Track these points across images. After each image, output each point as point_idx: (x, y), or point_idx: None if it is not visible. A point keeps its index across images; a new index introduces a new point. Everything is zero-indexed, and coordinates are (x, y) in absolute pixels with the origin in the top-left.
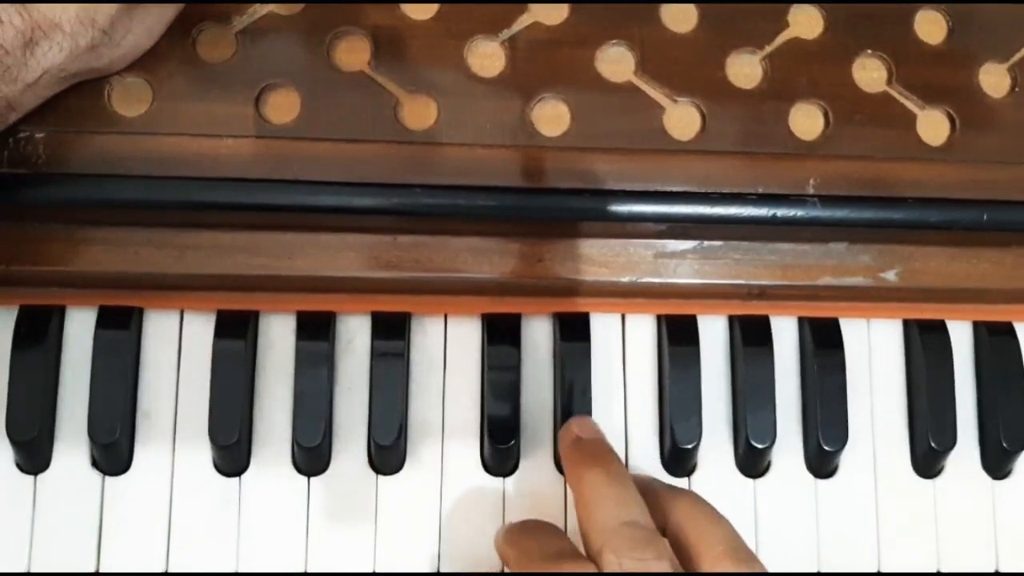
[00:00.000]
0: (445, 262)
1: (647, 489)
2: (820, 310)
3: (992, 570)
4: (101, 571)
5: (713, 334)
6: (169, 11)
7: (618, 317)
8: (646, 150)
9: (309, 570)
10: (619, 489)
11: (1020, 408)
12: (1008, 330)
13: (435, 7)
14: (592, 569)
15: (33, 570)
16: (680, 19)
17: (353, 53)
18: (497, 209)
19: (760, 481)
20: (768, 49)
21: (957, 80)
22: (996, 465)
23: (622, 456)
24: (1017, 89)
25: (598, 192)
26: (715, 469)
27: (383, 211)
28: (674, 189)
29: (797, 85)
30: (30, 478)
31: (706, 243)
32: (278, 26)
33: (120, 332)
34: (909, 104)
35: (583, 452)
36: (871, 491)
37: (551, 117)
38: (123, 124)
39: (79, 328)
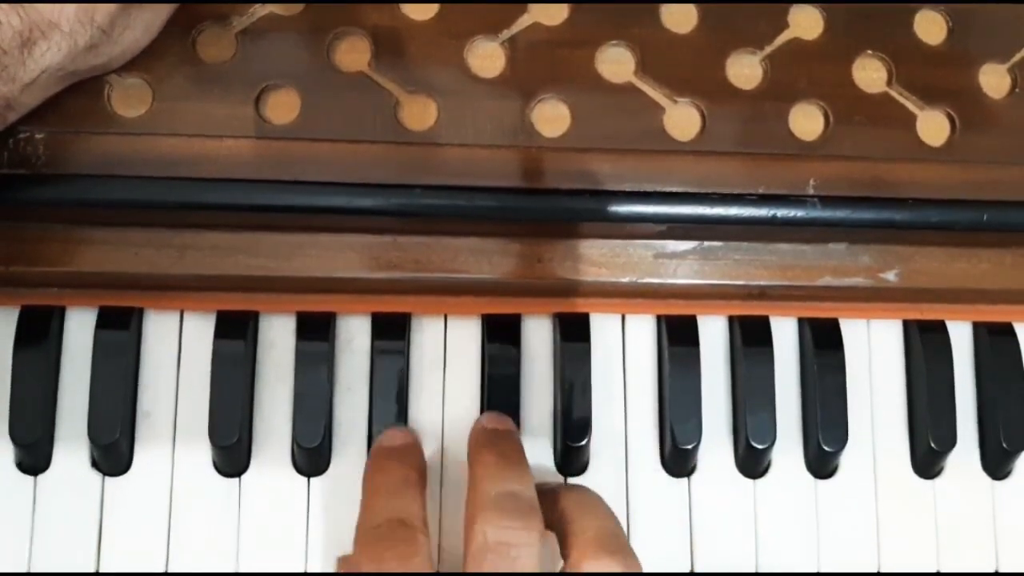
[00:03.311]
0: (445, 262)
1: (544, 489)
2: (820, 310)
3: (992, 571)
4: (101, 571)
5: (713, 335)
6: (167, 7)
7: (618, 318)
8: (646, 151)
9: (309, 570)
10: (505, 466)
11: (1020, 409)
12: (1008, 330)
13: (435, 7)
14: (417, 548)
15: (33, 570)
16: (680, 19)
17: (353, 53)
18: (497, 210)
19: (760, 482)
20: (768, 49)
21: (957, 81)
22: (996, 466)
23: (621, 457)
24: (1017, 90)
25: (598, 193)
26: (715, 470)
27: (383, 212)
28: (674, 190)
29: (797, 86)
30: (30, 478)
31: (706, 244)
32: (278, 26)
33: (120, 333)
34: (909, 104)
35: (484, 438)
36: (871, 492)
37: (551, 117)
38: (123, 125)
39: (79, 329)
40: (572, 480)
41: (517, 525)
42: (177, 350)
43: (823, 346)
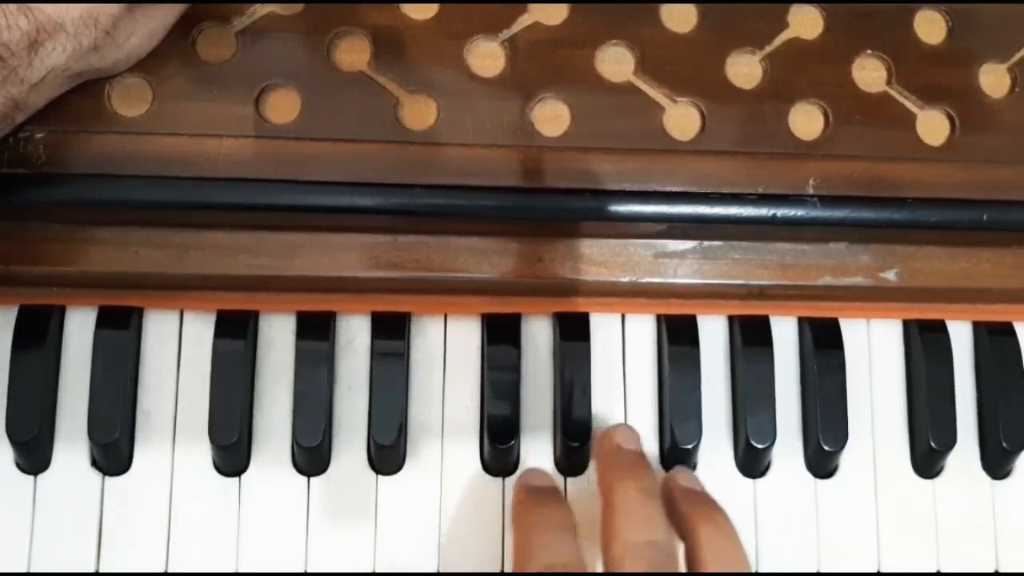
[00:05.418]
0: (445, 262)
1: (676, 500)
2: (820, 310)
3: (992, 570)
4: (101, 571)
5: (713, 334)
6: (172, 12)
7: (618, 317)
8: (646, 150)
9: (309, 570)
10: (650, 508)
11: (1020, 408)
12: (1008, 330)
13: (435, 7)
14: None
15: (33, 570)
16: (680, 19)
17: (353, 53)
18: (497, 209)
19: (760, 481)
20: (768, 49)
21: (957, 80)
22: (996, 465)
23: None
24: (1017, 89)
25: (598, 192)
26: (715, 469)
27: (383, 211)
28: (674, 189)
29: (797, 85)
30: (30, 478)
31: (706, 243)
32: (278, 26)
33: (120, 332)
34: (909, 104)
35: (621, 462)
36: (871, 491)
37: (551, 117)
38: (123, 124)
39: (79, 328)
40: (571, 480)
41: None
42: (177, 350)
43: (823, 346)
